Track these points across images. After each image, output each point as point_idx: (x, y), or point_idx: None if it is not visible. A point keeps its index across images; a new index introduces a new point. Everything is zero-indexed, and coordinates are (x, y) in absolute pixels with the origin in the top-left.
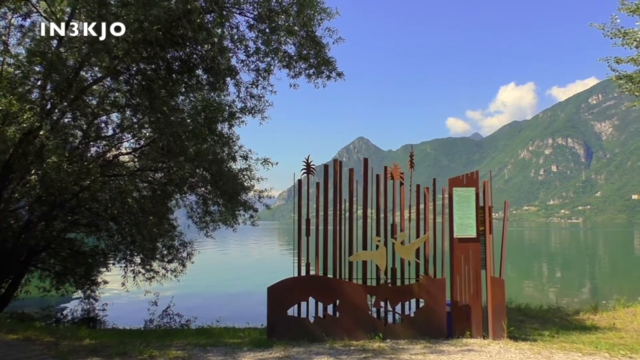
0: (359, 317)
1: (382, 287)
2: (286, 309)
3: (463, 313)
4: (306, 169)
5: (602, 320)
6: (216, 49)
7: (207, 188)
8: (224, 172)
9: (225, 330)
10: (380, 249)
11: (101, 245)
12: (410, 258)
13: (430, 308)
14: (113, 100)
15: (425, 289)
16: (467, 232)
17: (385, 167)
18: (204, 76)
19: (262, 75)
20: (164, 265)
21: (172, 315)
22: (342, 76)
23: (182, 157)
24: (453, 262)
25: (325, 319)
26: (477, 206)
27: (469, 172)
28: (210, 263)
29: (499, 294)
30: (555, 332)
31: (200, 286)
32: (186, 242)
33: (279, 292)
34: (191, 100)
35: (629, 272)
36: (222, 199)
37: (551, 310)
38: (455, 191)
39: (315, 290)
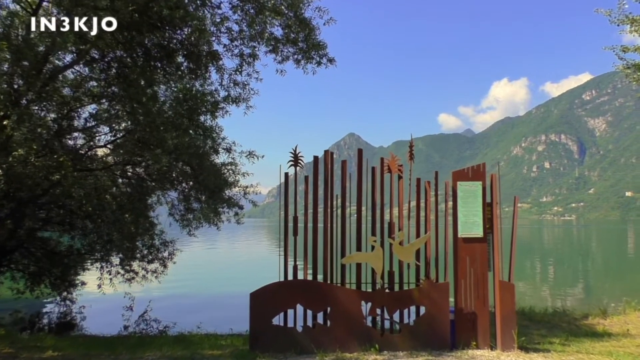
0: (352, 327)
1: (379, 292)
2: (271, 318)
3: (468, 321)
4: (293, 161)
5: (613, 326)
6: (196, 32)
7: (188, 183)
8: (206, 166)
9: (206, 338)
10: (376, 250)
11: (76, 245)
12: (409, 260)
13: (432, 316)
14: (87, 89)
15: (426, 294)
16: (472, 231)
17: (381, 159)
18: (184, 63)
19: (247, 61)
20: (144, 266)
21: (149, 321)
22: (334, 62)
23: (158, 150)
24: (457, 265)
25: (315, 329)
26: (484, 202)
27: (474, 165)
28: (194, 263)
29: (509, 300)
30: (565, 339)
31: (181, 288)
32: (167, 241)
33: (263, 299)
34: (172, 90)
35: (629, 271)
36: (203, 195)
37: (557, 314)
38: (459, 186)
39: (304, 296)
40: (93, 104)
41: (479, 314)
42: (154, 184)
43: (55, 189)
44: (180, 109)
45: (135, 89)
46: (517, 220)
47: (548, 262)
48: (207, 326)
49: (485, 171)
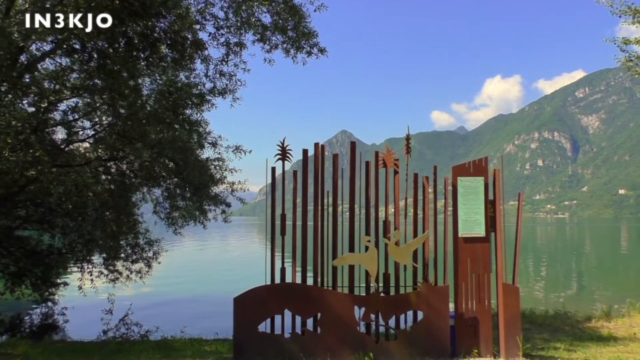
0: (344, 333)
1: (373, 297)
2: (256, 324)
3: (470, 327)
4: (281, 155)
5: (618, 329)
6: (179, 19)
7: (172, 180)
8: (190, 162)
9: (189, 344)
10: (370, 251)
11: (57, 244)
12: (406, 262)
13: (431, 321)
14: (68, 81)
15: (424, 298)
16: (474, 230)
17: (376, 153)
18: (168, 53)
19: (234, 50)
20: (128, 266)
21: (129, 325)
22: (325, 52)
23: (139, 144)
24: (458, 267)
25: (305, 336)
26: (487, 199)
27: (476, 159)
28: (181, 263)
29: (513, 304)
30: (570, 344)
31: (166, 289)
32: (152, 240)
33: (248, 304)
34: (157, 82)
35: (627, 271)
36: (188, 192)
37: (559, 317)
38: (460, 181)
39: (292, 301)
40: (74, 97)
41: (481, 319)
42: (136, 180)
43: (32, 186)
44: (165, 102)
45: (117, 80)
46: (521, 218)
47: (544, 262)
48: (191, 330)
49: (487, 166)
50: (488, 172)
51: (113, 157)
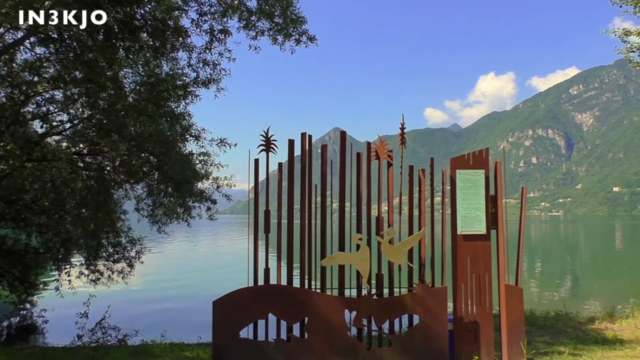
0: (334, 339)
1: (365, 299)
2: (238, 330)
3: (470, 332)
4: (265, 145)
5: (623, 331)
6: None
7: (152, 175)
8: (171, 155)
9: (169, 349)
10: (362, 250)
11: (34, 243)
12: (401, 261)
13: (428, 326)
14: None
15: (420, 301)
16: (474, 227)
17: (368, 143)
18: (149, 42)
19: (218, 38)
20: (109, 266)
21: (106, 329)
22: (315, 40)
23: (116, 136)
24: (457, 267)
25: (290, 342)
26: (487, 194)
27: (476, 150)
28: (164, 263)
29: (516, 306)
30: (574, 347)
31: (148, 291)
32: (135, 239)
33: (228, 308)
34: (139, 73)
35: (624, 270)
36: (169, 188)
37: (561, 318)
38: (459, 175)
39: (277, 304)
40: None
41: (482, 323)
42: (115, 175)
43: (4, 182)
44: (146, 93)
45: (95, 70)
46: (525, 215)
47: (537, 260)
48: (173, 334)
49: (488, 157)
50: (489, 165)
51: (91, 152)
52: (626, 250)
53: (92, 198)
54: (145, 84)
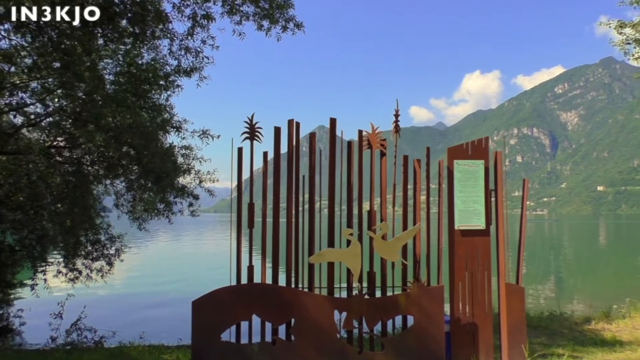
0: (322, 342)
1: (356, 299)
2: (219, 332)
3: (467, 334)
4: (249, 133)
5: (621, 332)
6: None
7: (132, 168)
8: (151, 148)
9: (147, 351)
10: (352, 246)
11: (9, 240)
12: (394, 258)
13: (423, 327)
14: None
15: (415, 301)
16: (472, 222)
17: (359, 131)
18: (129, 28)
19: (200, 24)
20: (88, 264)
21: (82, 331)
22: (302, 27)
23: (92, 126)
24: (454, 264)
25: (276, 346)
26: (487, 186)
27: (475, 139)
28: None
29: (517, 307)
30: (572, 349)
31: (128, 290)
32: (114, 236)
33: (209, 308)
34: (119, 61)
35: (614, 269)
36: (148, 181)
37: (556, 319)
38: (456, 165)
39: (261, 304)
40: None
41: (481, 324)
42: (93, 169)
43: None
44: (127, 84)
45: (72, 57)
46: (526, 208)
47: (529, 260)
48: (153, 336)
49: (488, 147)
50: (489, 155)
51: (68, 145)
52: (612, 249)
53: (68, 193)
54: (125, 74)
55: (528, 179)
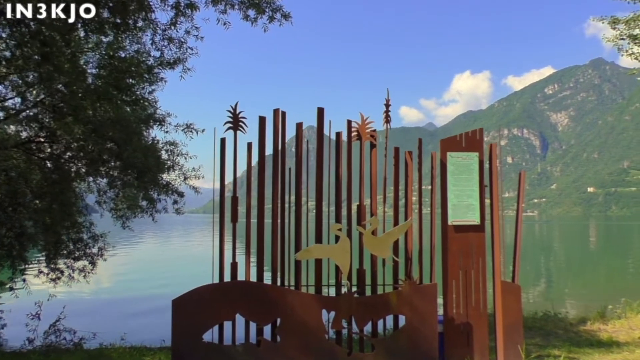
0: (310, 343)
1: (345, 298)
2: (201, 332)
3: (462, 334)
4: (232, 123)
5: (618, 332)
6: None
7: (112, 163)
8: (133, 142)
9: (128, 353)
10: (341, 242)
11: None
12: (385, 255)
13: (415, 327)
14: None
15: (407, 300)
16: (467, 217)
17: (348, 122)
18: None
19: (184, 13)
20: (70, 264)
21: (61, 332)
22: (289, 18)
23: (70, 118)
24: (447, 261)
25: (261, 347)
26: (482, 180)
27: (469, 131)
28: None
29: (514, 306)
30: (568, 351)
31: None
32: (97, 235)
33: (190, 308)
34: (100, 54)
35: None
36: (130, 177)
37: (550, 319)
38: (450, 158)
39: (245, 303)
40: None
41: (475, 324)
42: (74, 164)
43: None
44: (108, 76)
45: (51, 48)
46: (523, 202)
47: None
48: (135, 337)
49: (482, 139)
50: (483, 147)
51: (48, 139)
52: (603, 250)
53: (48, 189)
54: (107, 66)
55: (524, 171)
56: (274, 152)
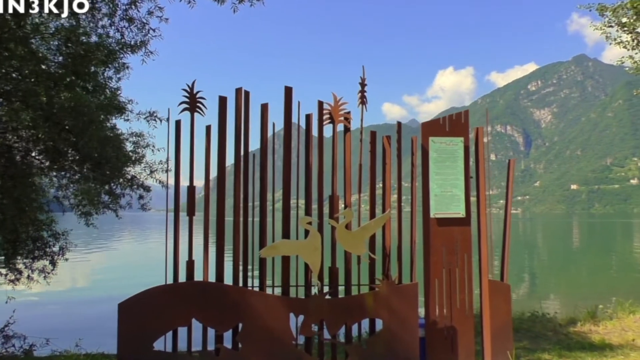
0: (275, 351)
1: (315, 300)
2: (151, 340)
3: (445, 339)
4: (189, 104)
5: (610, 334)
6: None
7: (70, 155)
8: (89, 130)
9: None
10: (311, 237)
11: None
12: (360, 252)
13: (394, 332)
14: None
15: (384, 301)
16: (451, 209)
17: (319, 102)
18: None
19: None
20: (28, 264)
21: (10, 338)
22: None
23: (17, 103)
24: (429, 258)
25: (220, 356)
26: (467, 168)
27: (453, 113)
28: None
29: (502, 307)
30: (559, 355)
31: (69, 293)
32: (58, 233)
33: (139, 312)
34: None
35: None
36: (84, 169)
37: (538, 320)
38: (432, 143)
39: (202, 307)
40: None
41: (460, 328)
42: (26, 155)
43: None
44: (65, 60)
45: (2, 30)
46: (512, 191)
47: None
48: (91, 343)
49: (468, 122)
50: (469, 132)
51: None
52: (587, 248)
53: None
54: (63, 49)
55: (514, 159)
56: (235, 137)
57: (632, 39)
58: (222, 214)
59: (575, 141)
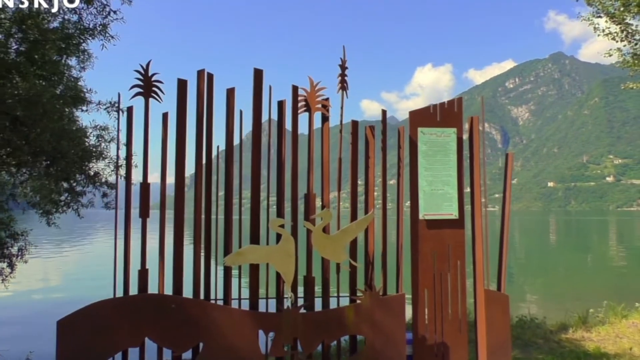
0: None
1: (288, 314)
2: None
3: (436, 357)
4: (143, 87)
5: (604, 341)
6: None
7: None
8: (41, 122)
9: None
10: (283, 242)
11: None
12: (340, 259)
13: (378, 350)
14: None
15: (367, 315)
16: (442, 210)
17: (294, 87)
18: None
19: None
20: None
21: None
22: None
23: None
24: (418, 266)
25: None
26: (461, 163)
27: (445, 101)
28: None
29: (500, 320)
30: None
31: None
32: (17, 233)
33: (81, 330)
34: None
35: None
36: (37, 163)
37: (526, 326)
38: (421, 135)
39: (157, 324)
40: None
41: (453, 343)
42: None
43: None
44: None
45: None
46: (510, 189)
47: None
48: (43, 355)
49: (461, 112)
50: (462, 123)
51: None
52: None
53: None
54: (16, 34)
55: (512, 152)
56: (197, 125)
57: (621, 30)
58: (181, 216)
59: (552, 139)
